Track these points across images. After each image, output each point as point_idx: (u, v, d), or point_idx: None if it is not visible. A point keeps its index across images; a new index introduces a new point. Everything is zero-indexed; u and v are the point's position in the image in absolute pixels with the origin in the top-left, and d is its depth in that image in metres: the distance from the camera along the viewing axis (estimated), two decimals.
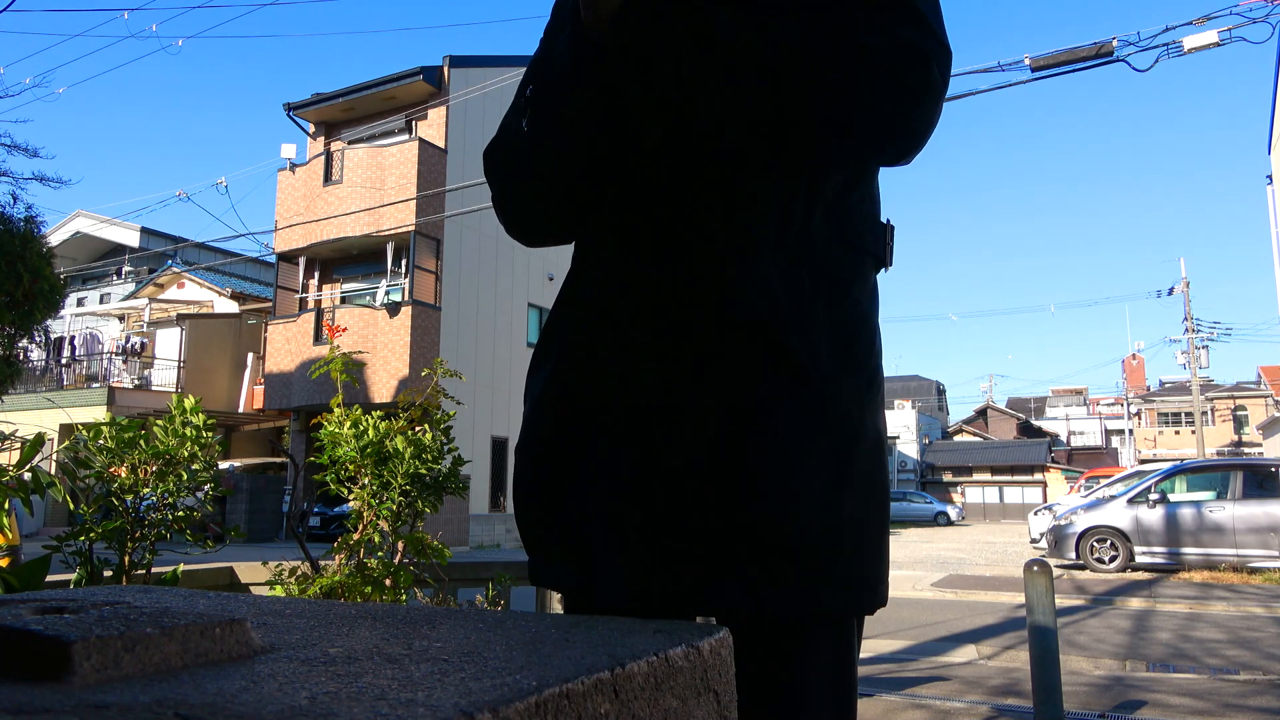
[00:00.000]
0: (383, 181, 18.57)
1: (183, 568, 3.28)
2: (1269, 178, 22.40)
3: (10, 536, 4.26)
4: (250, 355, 22.93)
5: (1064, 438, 54.44)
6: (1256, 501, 12.06)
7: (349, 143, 20.31)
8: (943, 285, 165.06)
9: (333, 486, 3.40)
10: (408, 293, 18.24)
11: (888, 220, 1.02)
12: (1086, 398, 62.11)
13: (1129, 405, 47.45)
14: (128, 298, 26.39)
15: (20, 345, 8.72)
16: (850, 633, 0.93)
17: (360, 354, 4.85)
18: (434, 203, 18.44)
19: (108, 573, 2.98)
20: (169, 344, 23.32)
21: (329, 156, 19.73)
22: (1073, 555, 13.09)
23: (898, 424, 47.21)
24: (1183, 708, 4.67)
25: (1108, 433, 54.24)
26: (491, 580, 4.41)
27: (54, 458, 4.75)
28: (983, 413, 57.48)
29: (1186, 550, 12.35)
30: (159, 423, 3.26)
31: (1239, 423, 46.22)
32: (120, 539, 3.03)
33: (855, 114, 0.87)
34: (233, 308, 24.62)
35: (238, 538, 3.58)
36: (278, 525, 18.25)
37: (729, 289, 0.90)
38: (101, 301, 27.57)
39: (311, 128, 21.01)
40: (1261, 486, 12.27)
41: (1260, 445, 37.27)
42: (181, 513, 3.20)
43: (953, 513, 38.69)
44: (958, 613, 9.17)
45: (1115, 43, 9.23)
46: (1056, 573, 10.11)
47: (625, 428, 0.92)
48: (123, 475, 3.08)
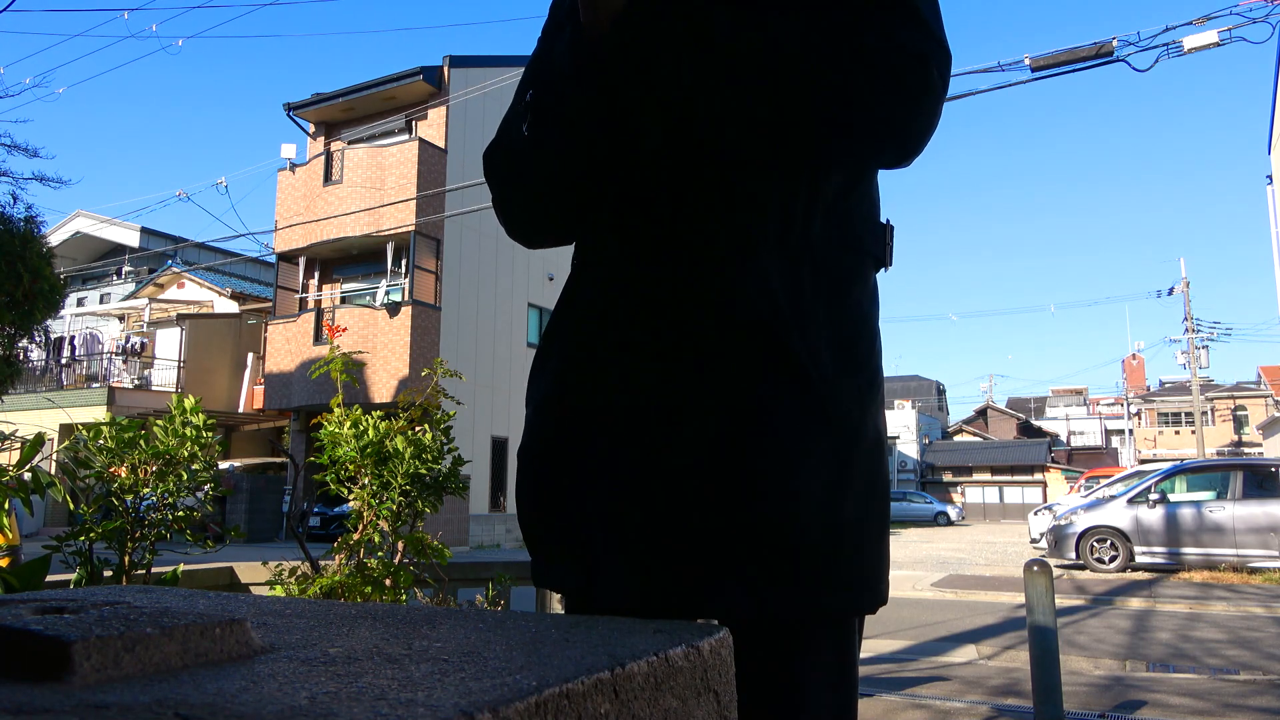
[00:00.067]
0: (383, 181, 18.57)
1: (183, 568, 3.28)
2: (1269, 178, 22.41)
3: (10, 536, 4.26)
4: (250, 355, 22.93)
5: (1064, 438, 54.45)
6: (1256, 501, 12.06)
7: (349, 143, 20.32)
8: (943, 285, 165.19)
9: (333, 486, 3.40)
10: (408, 293, 18.25)
11: (887, 220, 1.02)
12: (1086, 398, 62.12)
13: (1129, 405, 47.45)
14: (128, 298, 26.39)
15: (20, 345, 8.72)
16: (851, 632, 0.93)
17: (360, 354, 4.85)
18: (434, 203, 18.45)
19: (108, 573, 2.98)
20: (169, 344, 23.32)
21: (329, 156, 19.73)
22: (1073, 555, 13.09)
23: (898, 424, 47.22)
24: (1183, 708, 4.67)
25: (1108, 433, 54.25)
26: (491, 580, 4.41)
27: (54, 458, 4.75)
28: (983, 413, 57.49)
29: (1186, 550, 12.35)
30: (159, 423, 3.26)
31: (1239, 423, 46.23)
32: (120, 539, 3.03)
33: (855, 115, 0.87)
34: (233, 308, 24.63)
35: (238, 538, 3.58)
36: (278, 525, 18.25)
37: (729, 289, 0.90)
38: (101, 301, 27.57)
39: (311, 128, 21.02)
40: (1261, 486, 12.27)
41: (1260, 445, 37.27)
42: (181, 513, 3.20)
43: (953, 513, 38.69)
44: (958, 613, 9.17)
45: (1115, 43, 9.24)
46: (1056, 573, 10.11)
47: (625, 428, 0.92)
48: (123, 475, 3.08)
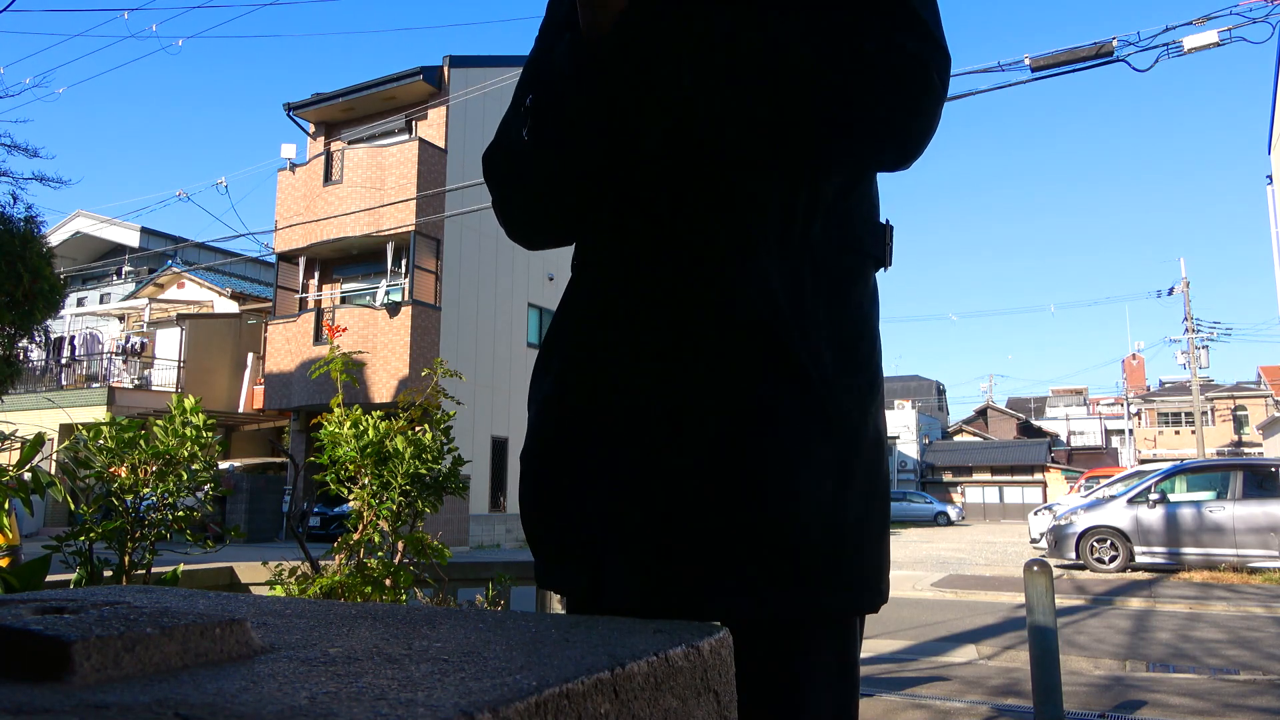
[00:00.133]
0: (383, 181, 18.57)
1: (183, 568, 3.28)
2: (1269, 178, 22.41)
3: (10, 536, 4.26)
4: (250, 355, 22.93)
5: (1064, 438, 54.45)
6: (1256, 501, 12.06)
7: (349, 143, 20.32)
8: (943, 285, 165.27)
9: (333, 486, 3.40)
10: (408, 293, 18.24)
11: (887, 220, 1.02)
12: (1086, 398, 62.12)
13: (1129, 405, 47.45)
14: (128, 298, 26.39)
15: (20, 345, 8.72)
16: (851, 632, 0.93)
17: (360, 354, 4.85)
18: (434, 203, 18.45)
19: (108, 573, 2.98)
20: (169, 344, 23.32)
21: (329, 156, 19.73)
22: (1073, 555, 13.09)
23: (898, 424, 47.21)
24: (1183, 708, 4.67)
25: (1108, 433, 54.25)
26: (491, 580, 4.42)
27: (54, 458, 4.76)
28: (983, 413, 57.50)
29: (1186, 550, 12.35)
30: (159, 423, 3.26)
31: (1239, 423, 46.24)
32: (120, 539, 3.03)
33: (855, 117, 0.87)
34: (233, 308, 24.63)
35: (238, 538, 3.58)
36: (278, 525, 18.25)
37: (729, 290, 0.90)
38: (101, 301, 27.57)
39: (311, 128, 21.02)
40: (1261, 486, 12.27)
41: (1260, 445, 37.28)
42: (181, 513, 3.20)
43: (953, 513, 38.69)
44: (958, 613, 9.17)
45: (1115, 43, 9.24)
46: (1056, 573, 10.10)
47: (626, 428, 0.92)
48: (123, 475, 3.08)
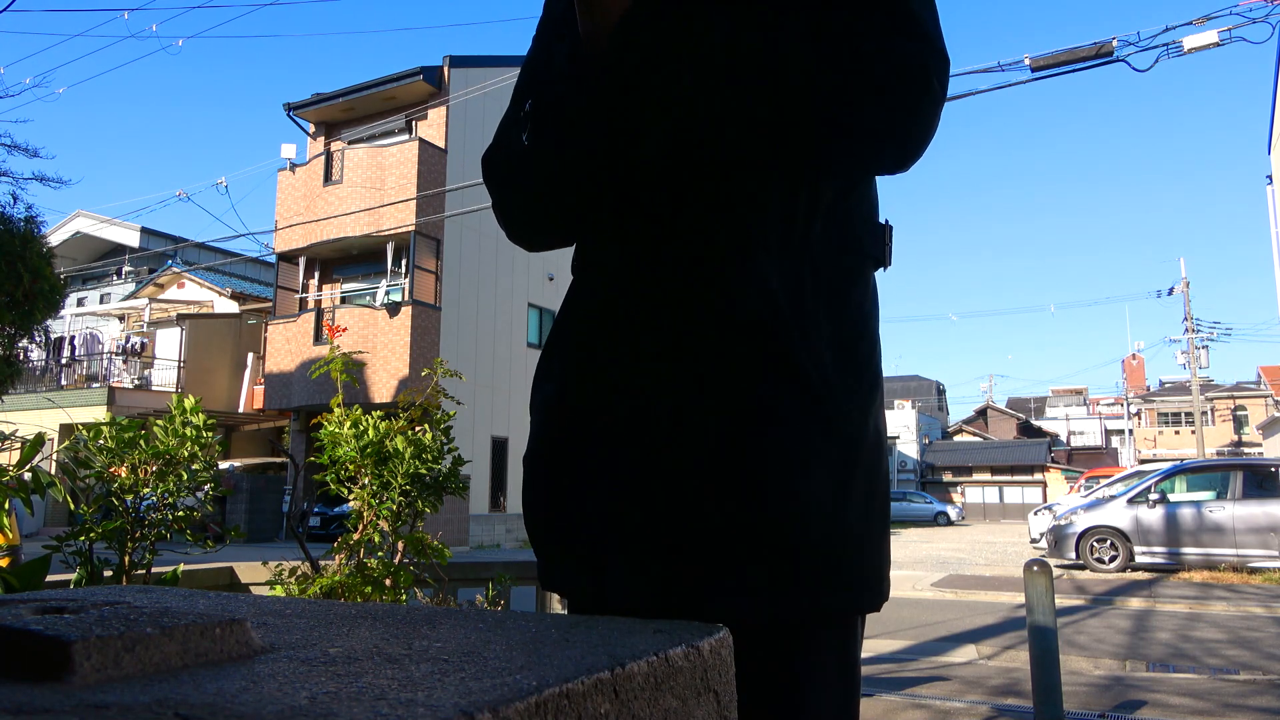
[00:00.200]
0: (383, 181, 18.57)
1: (183, 568, 3.28)
2: (1269, 178, 22.41)
3: (10, 536, 4.26)
4: (250, 355, 22.93)
5: (1064, 438, 54.44)
6: (1256, 501, 12.06)
7: (349, 143, 20.32)
8: (943, 285, 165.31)
9: (333, 486, 3.40)
10: (408, 293, 18.24)
11: (886, 221, 1.02)
12: (1086, 398, 62.13)
13: (1129, 405, 47.46)
14: (128, 298, 26.39)
15: (20, 345, 8.72)
16: (852, 632, 0.93)
17: (360, 354, 4.84)
18: (434, 203, 18.45)
19: (108, 573, 2.98)
20: (169, 344, 23.32)
21: (329, 156, 19.73)
22: (1073, 555, 13.09)
23: (898, 424, 47.21)
24: (1183, 708, 4.67)
25: (1108, 433, 54.25)
26: (491, 580, 4.42)
27: (54, 458, 4.76)
28: (983, 413, 57.49)
29: (1186, 550, 12.35)
30: (159, 423, 3.26)
31: (1239, 423, 46.24)
32: (120, 539, 3.03)
33: (854, 121, 0.87)
34: (233, 308, 24.62)
35: (238, 538, 3.58)
36: (278, 525, 18.25)
37: (729, 291, 0.90)
38: (101, 301, 27.57)
39: (311, 128, 21.01)
40: (1261, 486, 12.27)
41: (1260, 445, 37.27)
42: (181, 513, 3.20)
43: (953, 513, 38.68)
44: (958, 613, 9.17)
45: (1115, 43, 9.24)
46: (1056, 573, 10.11)
47: (627, 430, 0.92)
48: (123, 475, 3.08)
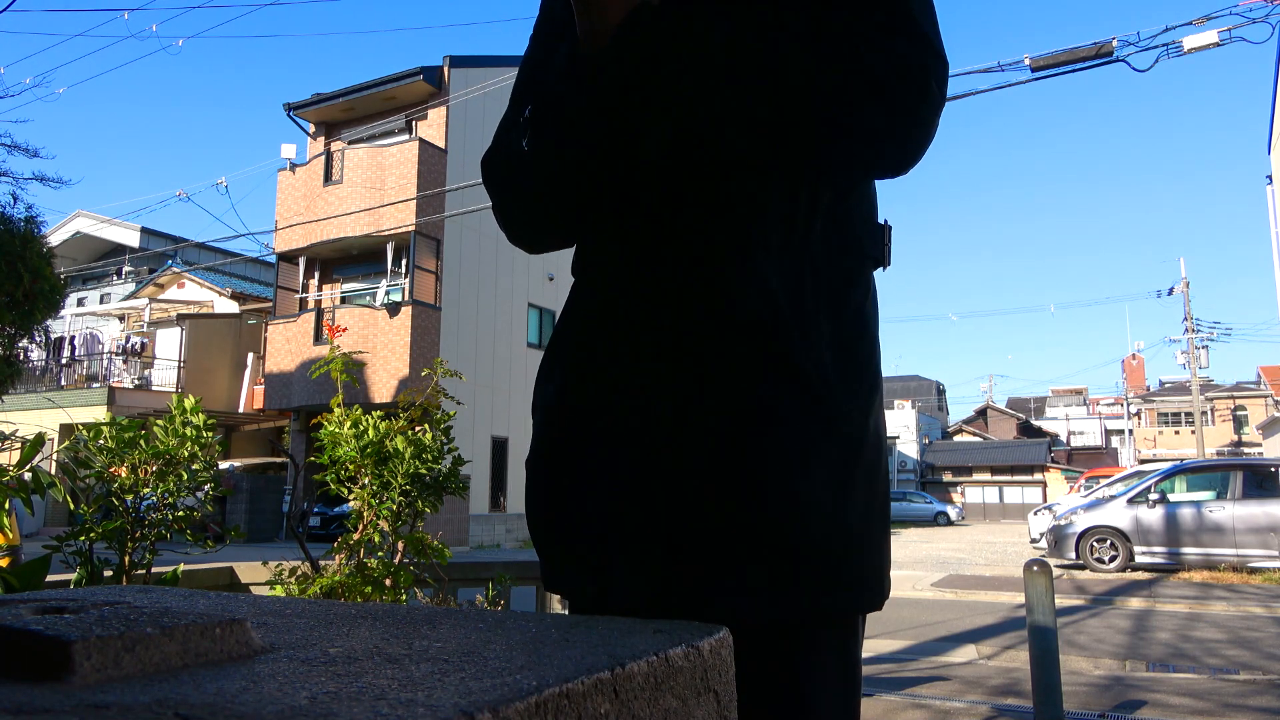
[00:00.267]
0: (383, 181, 18.57)
1: (183, 568, 3.28)
2: (1269, 178, 22.41)
3: (10, 536, 4.26)
4: (250, 355, 22.93)
5: (1064, 438, 54.44)
6: (1256, 501, 12.06)
7: (349, 143, 20.32)
8: (943, 285, 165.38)
9: (333, 486, 3.40)
10: (408, 293, 18.24)
11: (885, 221, 1.02)
12: (1086, 398, 62.12)
13: (1129, 405, 47.46)
14: (128, 298, 26.38)
15: (20, 345, 8.72)
16: (854, 632, 0.93)
17: (360, 354, 4.85)
18: (434, 203, 18.45)
19: (108, 573, 2.98)
20: (169, 344, 23.32)
21: (329, 156, 19.73)
22: (1073, 555, 13.09)
23: (898, 424, 47.21)
24: (1183, 708, 4.67)
25: (1108, 433, 54.24)
26: (491, 580, 4.42)
27: (54, 458, 4.75)
28: (983, 413, 57.48)
29: (1186, 550, 12.35)
30: (159, 423, 3.26)
31: (1239, 423, 46.23)
32: (120, 539, 3.03)
33: (853, 124, 0.87)
34: (233, 308, 24.62)
35: (238, 538, 3.58)
36: (278, 525, 18.25)
37: (729, 292, 0.90)
38: (101, 301, 27.57)
39: (311, 128, 21.01)
40: (1261, 486, 12.27)
41: (1260, 445, 37.27)
42: (181, 513, 3.20)
43: (953, 513, 38.68)
44: (958, 613, 9.17)
45: (1115, 43, 9.24)
46: (1056, 573, 10.11)
47: (628, 431, 0.92)
48: (123, 475, 3.08)
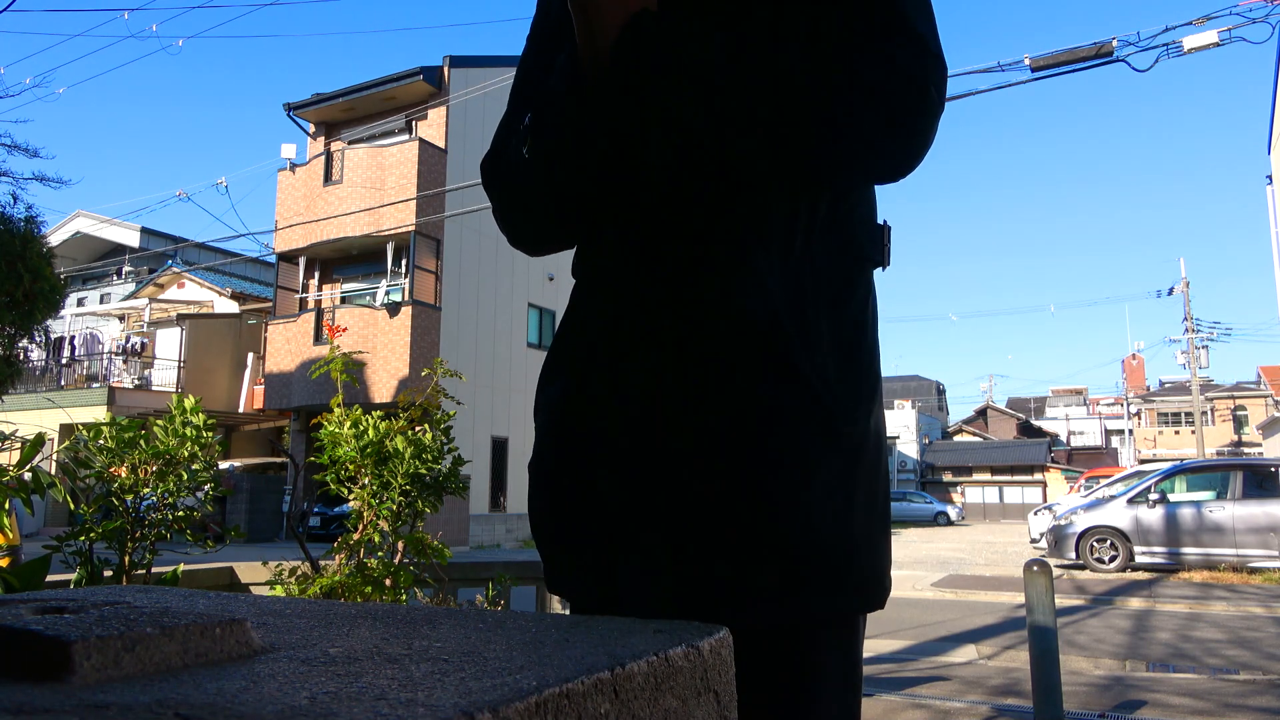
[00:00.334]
0: (383, 181, 18.57)
1: (183, 568, 3.28)
2: (1269, 178, 22.41)
3: (10, 536, 4.26)
4: (250, 355, 22.93)
5: (1064, 438, 54.43)
6: (1256, 501, 12.06)
7: (349, 143, 20.32)
8: (943, 285, 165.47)
9: (333, 486, 3.40)
10: (408, 293, 18.24)
11: (884, 221, 1.02)
12: (1086, 398, 62.12)
13: (1129, 405, 47.46)
14: (128, 298, 26.38)
15: (20, 345, 8.71)
16: (855, 632, 0.94)
17: (360, 354, 4.85)
18: (434, 203, 18.44)
19: (108, 573, 2.98)
20: (169, 344, 23.32)
21: (329, 156, 19.73)
22: (1073, 555, 13.09)
23: (898, 424, 47.20)
24: (1183, 708, 4.67)
25: (1108, 433, 54.24)
26: (491, 580, 4.42)
27: (54, 458, 4.75)
28: (983, 413, 57.48)
29: (1186, 550, 12.35)
30: (159, 423, 3.26)
31: (1239, 423, 46.22)
32: (120, 539, 3.03)
33: (851, 133, 0.87)
34: (233, 308, 24.62)
35: (238, 538, 3.58)
36: (278, 525, 18.24)
37: (730, 294, 0.90)
38: (101, 301, 27.56)
39: (311, 128, 21.01)
40: (1261, 486, 12.27)
41: (1260, 445, 37.26)
42: (181, 513, 3.20)
43: (953, 513, 38.67)
44: (958, 613, 9.17)
45: (1115, 43, 9.24)
46: (1056, 573, 10.11)
47: (630, 437, 0.93)
48: (123, 475, 3.08)
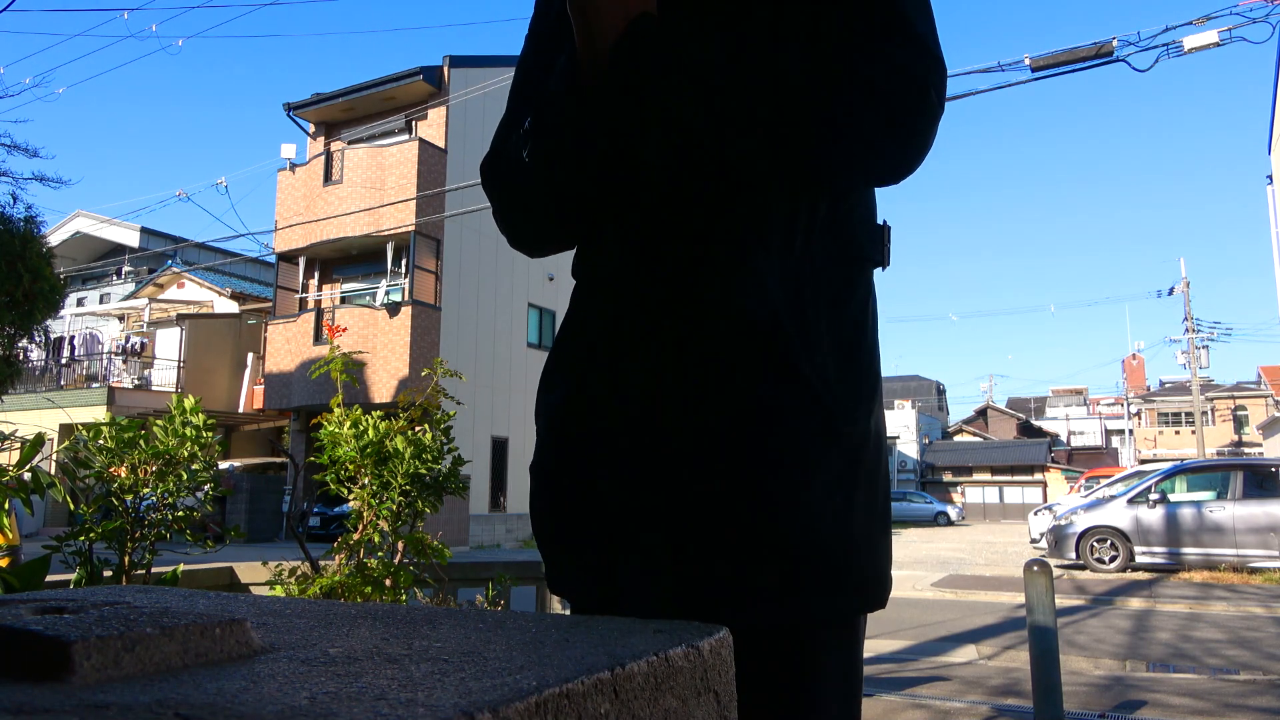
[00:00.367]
0: (383, 181, 18.57)
1: (183, 568, 3.29)
2: (1269, 178, 22.41)
3: (10, 536, 4.26)
4: (250, 355, 22.92)
5: (1064, 438, 54.42)
6: (1256, 501, 12.06)
7: (349, 143, 20.31)
8: (943, 285, 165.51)
9: (333, 486, 3.40)
10: (408, 293, 18.24)
11: (884, 222, 1.02)
12: (1086, 398, 62.12)
13: (1129, 405, 47.46)
14: (128, 298, 26.37)
15: (20, 345, 8.71)
16: (855, 632, 0.94)
17: (360, 354, 4.85)
18: (434, 203, 18.44)
19: (108, 573, 2.98)
20: (169, 344, 23.31)
21: (329, 156, 19.73)
22: (1073, 555, 13.09)
23: (898, 424, 47.19)
24: (1183, 708, 4.67)
25: (1108, 433, 54.23)
26: (491, 580, 4.42)
27: (54, 458, 4.75)
28: (983, 413, 57.47)
29: (1186, 550, 12.35)
30: (159, 423, 3.26)
31: (1239, 423, 46.22)
32: (120, 539, 3.03)
33: (852, 134, 0.88)
34: (233, 308, 24.61)
35: (238, 538, 3.58)
36: (278, 525, 18.24)
37: (730, 297, 0.91)
38: (101, 301, 27.56)
39: (311, 128, 21.01)
40: (1261, 486, 12.27)
41: (1260, 445, 37.26)
42: (181, 513, 3.20)
43: (953, 513, 38.67)
44: (958, 613, 9.17)
45: (1115, 43, 9.24)
46: (1056, 573, 10.10)
47: (631, 438, 0.93)
48: (123, 475, 3.08)
